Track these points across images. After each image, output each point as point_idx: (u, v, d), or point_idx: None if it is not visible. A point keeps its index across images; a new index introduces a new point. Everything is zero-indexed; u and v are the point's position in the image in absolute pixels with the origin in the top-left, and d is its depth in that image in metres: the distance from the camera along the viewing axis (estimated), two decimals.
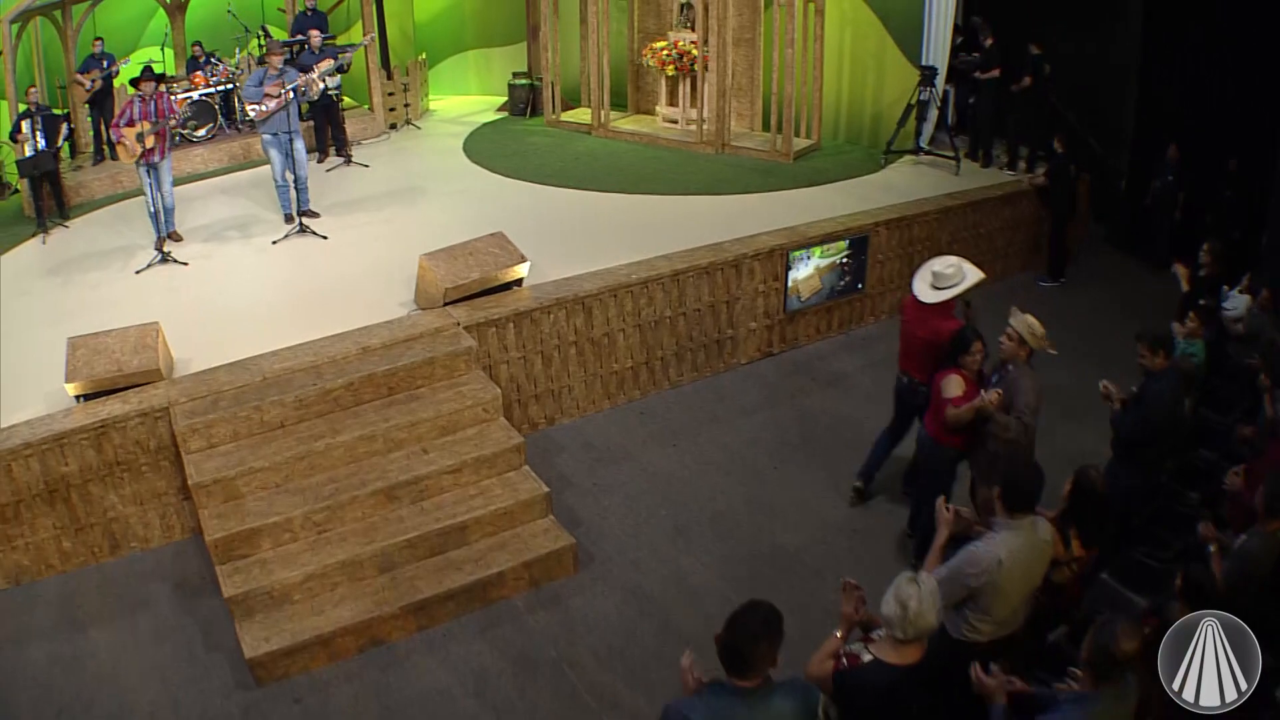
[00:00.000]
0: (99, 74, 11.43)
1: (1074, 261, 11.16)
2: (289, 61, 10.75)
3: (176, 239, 9.75)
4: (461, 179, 11.68)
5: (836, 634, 4.10)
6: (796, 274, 9.18)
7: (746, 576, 6.72)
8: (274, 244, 9.68)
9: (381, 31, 13.43)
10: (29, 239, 10.18)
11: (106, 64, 11.51)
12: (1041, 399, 5.95)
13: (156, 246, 9.38)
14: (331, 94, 11.65)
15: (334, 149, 12.18)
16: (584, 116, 13.37)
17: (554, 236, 9.50)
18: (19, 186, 10.81)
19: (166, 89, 10.23)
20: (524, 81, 14.21)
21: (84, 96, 11.65)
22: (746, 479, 7.77)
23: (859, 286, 9.69)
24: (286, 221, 10.06)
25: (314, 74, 9.90)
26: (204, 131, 12.34)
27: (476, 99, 15.15)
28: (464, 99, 15.23)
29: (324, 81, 10.32)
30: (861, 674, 3.89)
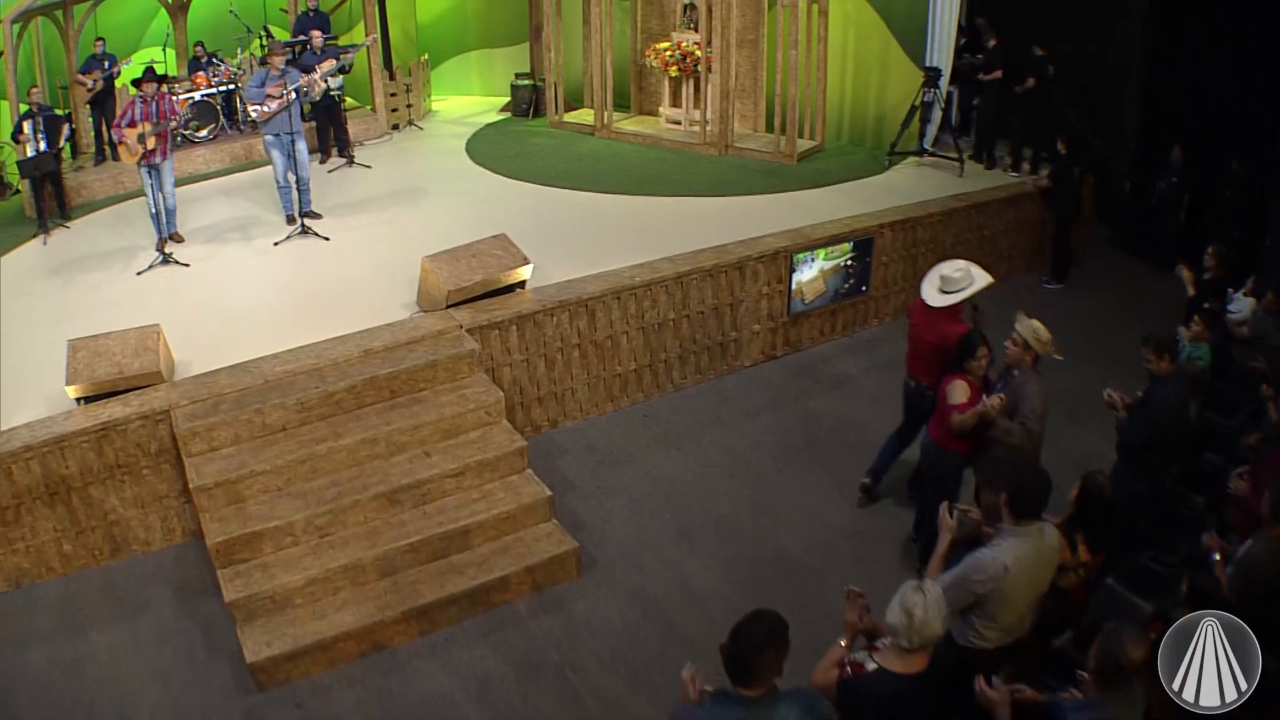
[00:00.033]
0: (100, 74, 11.40)
1: (1078, 263, 11.13)
2: (291, 62, 10.72)
3: (178, 240, 9.72)
4: (464, 180, 11.65)
5: (841, 642, 4.08)
6: (800, 276, 9.15)
7: (750, 580, 6.70)
8: (276, 245, 9.65)
9: (384, 32, 13.40)
10: (30, 239, 10.17)
11: (108, 64, 11.48)
12: (1047, 404, 5.92)
13: (158, 248, 9.36)
14: (334, 95, 11.64)
15: (336, 150, 12.14)
16: (587, 118, 13.33)
17: (557, 238, 9.47)
18: (20, 187, 10.79)
19: (168, 90, 10.21)
20: (527, 82, 14.18)
21: (85, 97, 11.62)
22: (750, 482, 7.75)
23: (863, 289, 9.66)
24: (288, 223, 10.03)
25: (316, 74, 9.86)
26: (206, 132, 12.33)
27: (479, 100, 15.11)
28: (466, 100, 15.20)
29: (326, 82, 10.29)
30: (866, 683, 3.87)
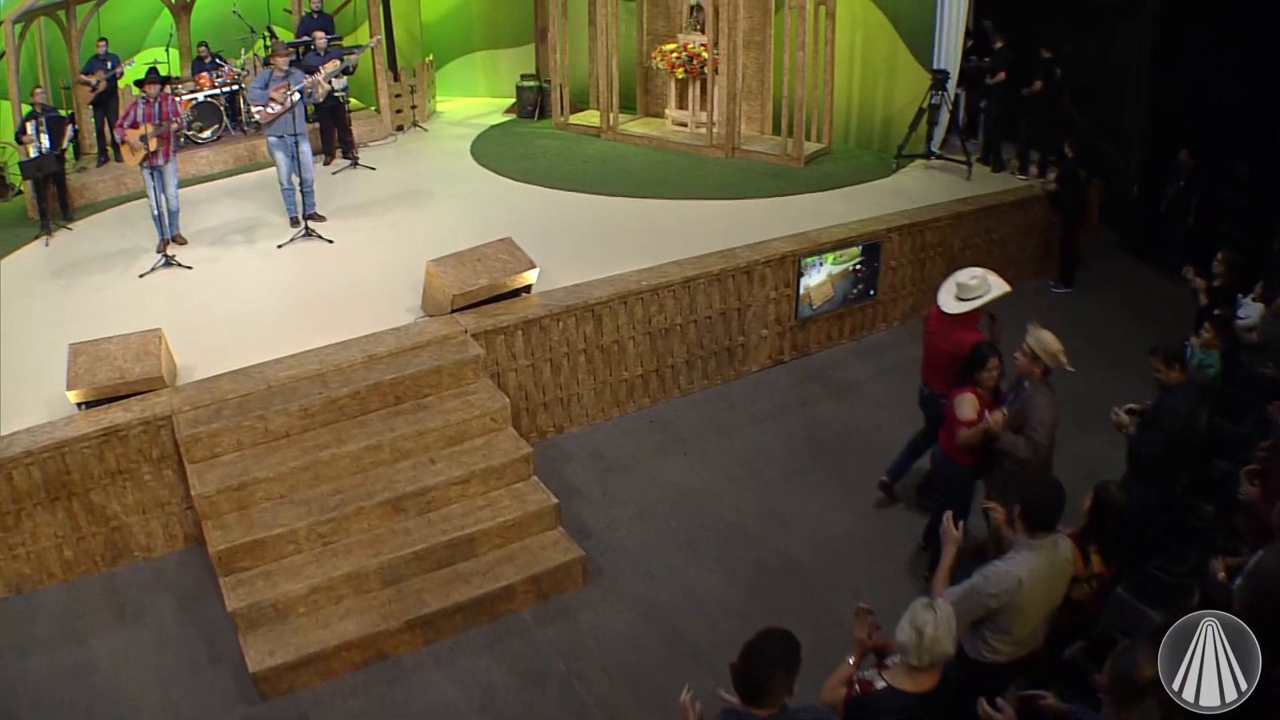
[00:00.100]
0: (103, 75, 11.35)
1: (1084, 267, 11.05)
2: (295, 63, 10.65)
3: (181, 242, 9.68)
4: (469, 182, 11.59)
5: (849, 660, 4.03)
6: (809, 281, 9.08)
7: (757, 589, 6.65)
8: (279, 248, 9.59)
9: (388, 33, 13.33)
10: (32, 241, 10.11)
11: (111, 65, 11.42)
12: (1057, 416, 5.82)
13: (160, 250, 9.32)
14: (338, 96, 11.58)
15: (340, 151, 12.08)
16: (592, 119, 13.26)
17: (563, 241, 9.41)
18: (23, 188, 10.74)
19: (171, 90, 10.16)
20: (532, 84, 14.12)
21: (88, 97, 11.57)
22: (757, 488, 7.69)
23: (871, 293, 9.59)
24: (292, 225, 9.97)
25: (319, 75, 9.81)
26: (209, 133, 12.28)
27: (484, 101, 15.05)
28: (471, 101, 15.13)
29: (329, 83, 10.23)
30: (875, 701, 3.82)
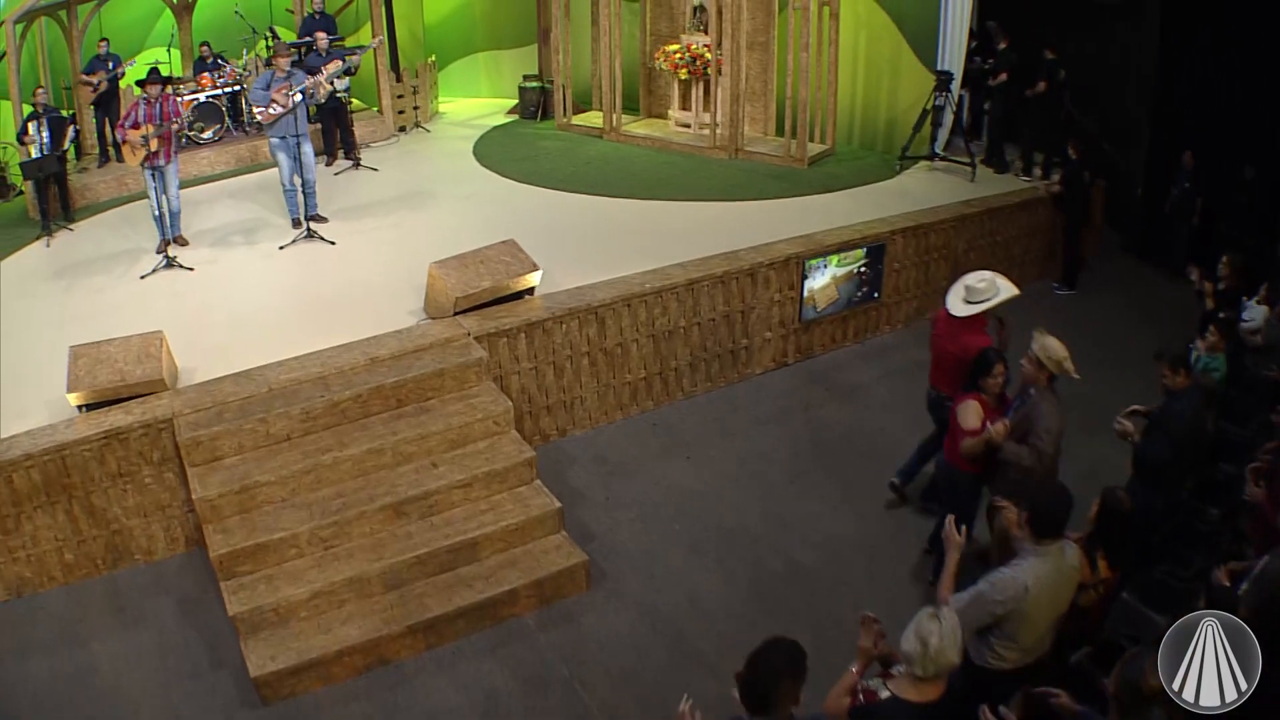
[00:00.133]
0: (105, 75, 11.32)
1: (1088, 268, 11.01)
2: (296, 63, 10.63)
3: (182, 243, 9.65)
4: (471, 183, 11.55)
5: (853, 669, 3.99)
6: (813, 283, 9.04)
7: (761, 593, 6.62)
8: (281, 249, 9.56)
9: (391, 33, 13.31)
10: (34, 241, 10.08)
11: (112, 65, 11.40)
12: (1062, 423, 5.78)
13: (161, 251, 9.29)
14: (340, 97, 11.55)
15: (342, 152, 12.06)
16: (595, 120, 13.23)
17: (566, 243, 9.38)
18: (24, 188, 10.71)
19: (172, 91, 10.13)
20: (535, 84, 14.08)
21: (90, 98, 11.54)
22: (761, 492, 7.65)
23: (875, 296, 9.56)
24: (294, 226, 9.93)
25: (321, 76, 9.79)
26: (210, 134, 12.25)
27: (487, 102, 15.01)
28: (474, 102, 15.10)
29: (332, 84, 10.21)
30: (879, 711, 3.79)
